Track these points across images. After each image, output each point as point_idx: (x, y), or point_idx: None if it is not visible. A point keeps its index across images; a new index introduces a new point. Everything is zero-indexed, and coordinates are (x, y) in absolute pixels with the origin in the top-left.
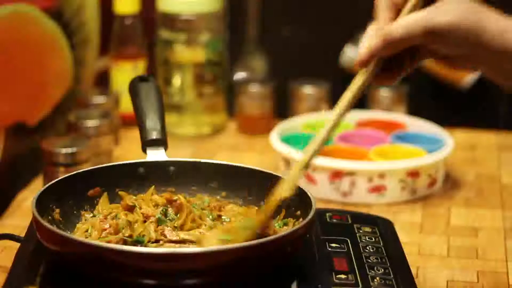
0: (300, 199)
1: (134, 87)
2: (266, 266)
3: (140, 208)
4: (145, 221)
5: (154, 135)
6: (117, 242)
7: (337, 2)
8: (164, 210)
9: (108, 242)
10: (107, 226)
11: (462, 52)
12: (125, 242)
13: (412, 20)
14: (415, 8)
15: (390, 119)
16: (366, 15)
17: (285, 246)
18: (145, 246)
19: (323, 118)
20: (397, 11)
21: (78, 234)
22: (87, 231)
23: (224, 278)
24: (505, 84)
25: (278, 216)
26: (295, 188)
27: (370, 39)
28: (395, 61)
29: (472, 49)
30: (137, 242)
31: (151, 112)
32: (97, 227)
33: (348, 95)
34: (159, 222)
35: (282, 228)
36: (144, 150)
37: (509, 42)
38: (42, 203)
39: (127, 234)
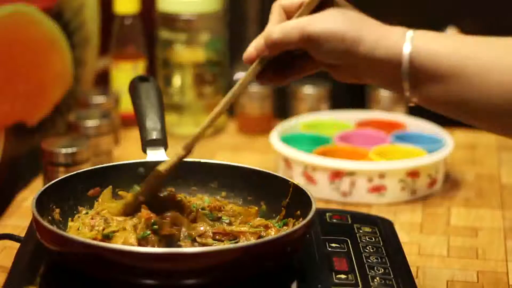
0: (300, 199)
1: (134, 87)
2: (266, 266)
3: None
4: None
5: (154, 135)
6: (91, 237)
7: None
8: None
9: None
10: (95, 223)
11: (341, 61)
12: (95, 238)
13: (290, 25)
14: (303, 14)
15: (390, 119)
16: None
17: (285, 246)
18: (113, 241)
19: (323, 118)
20: (287, 17)
21: (71, 232)
22: (78, 229)
23: (224, 278)
24: (396, 92)
25: (278, 216)
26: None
27: (257, 39)
28: (286, 64)
29: (349, 59)
30: (104, 237)
31: (151, 112)
32: (87, 224)
33: (232, 90)
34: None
35: (282, 228)
36: (144, 150)
37: (380, 49)
38: (42, 203)
39: (100, 229)
